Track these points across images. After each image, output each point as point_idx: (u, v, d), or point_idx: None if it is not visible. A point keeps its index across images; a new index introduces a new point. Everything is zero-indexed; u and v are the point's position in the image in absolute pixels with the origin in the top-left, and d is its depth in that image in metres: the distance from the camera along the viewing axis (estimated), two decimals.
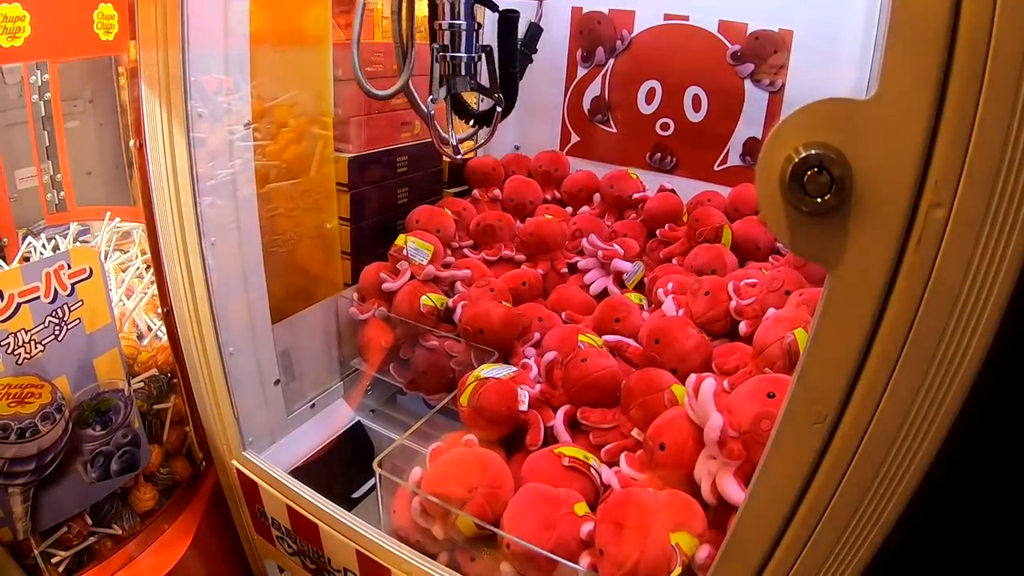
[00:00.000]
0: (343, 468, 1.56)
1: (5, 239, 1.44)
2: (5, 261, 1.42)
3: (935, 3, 0.42)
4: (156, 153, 1.17)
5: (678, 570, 0.83)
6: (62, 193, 1.60)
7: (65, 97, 1.56)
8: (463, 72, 1.26)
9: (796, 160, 0.47)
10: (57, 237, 1.54)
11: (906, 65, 0.44)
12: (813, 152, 0.46)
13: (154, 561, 1.38)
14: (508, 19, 1.28)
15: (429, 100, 1.24)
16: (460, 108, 1.32)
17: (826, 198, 0.46)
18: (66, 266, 1.15)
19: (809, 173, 0.46)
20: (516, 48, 1.32)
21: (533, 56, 1.52)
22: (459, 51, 1.24)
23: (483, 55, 1.29)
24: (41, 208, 1.55)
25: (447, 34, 1.24)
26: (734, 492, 0.84)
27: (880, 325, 0.50)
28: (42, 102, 1.52)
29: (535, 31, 1.49)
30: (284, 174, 1.45)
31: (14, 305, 1.08)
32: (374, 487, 1.59)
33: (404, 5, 1.19)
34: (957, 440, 0.53)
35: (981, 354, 0.48)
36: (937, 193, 0.45)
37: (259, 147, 1.34)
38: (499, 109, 1.32)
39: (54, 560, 1.26)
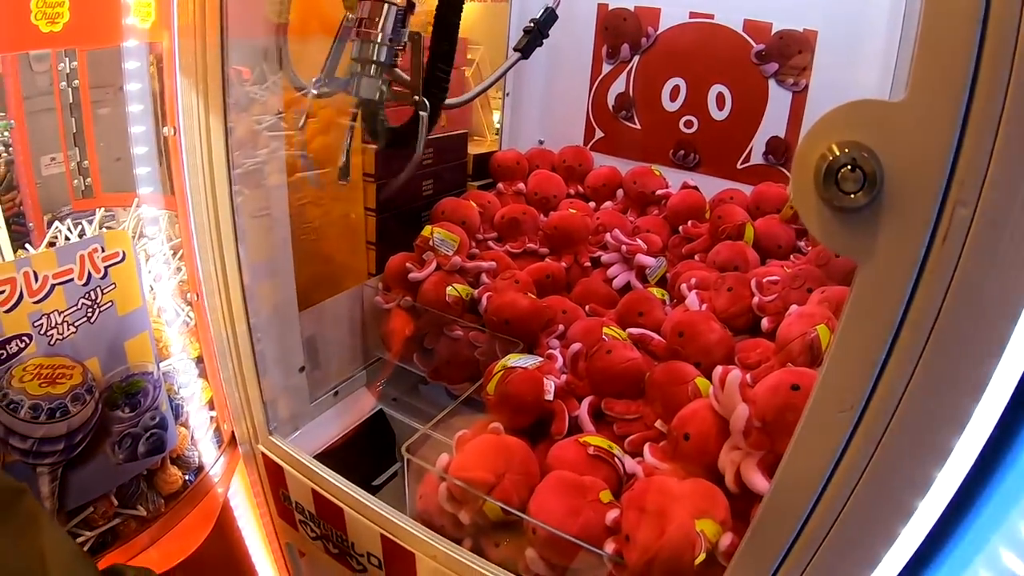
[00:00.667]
0: (364, 456, 1.57)
1: (31, 224, 1.47)
2: (32, 245, 1.44)
3: (965, 10, 0.44)
4: (191, 141, 1.20)
5: (702, 556, 0.85)
6: (88, 179, 1.62)
7: (96, 84, 1.57)
8: (382, 58, 1.05)
9: (831, 158, 0.49)
10: (83, 222, 1.56)
11: (936, 71, 0.46)
12: (847, 151, 0.48)
13: (177, 544, 1.40)
14: (450, 2, 1.07)
15: (311, 84, 1.12)
16: (371, 123, 1.19)
17: (858, 195, 0.49)
18: (100, 249, 1.18)
19: (843, 170, 0.49)
20: (454, 43, 1.10)
21: (543, 41, 1.48)
22: (377, 30, 1.03)
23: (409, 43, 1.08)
24: (65, 194, 1.57)
25: (367, 5, 1.04)
26: (758, 481, 0.86)
27: (906, 317, 0.52)
28: (70, 89, 1.54)
29: (550, 16, 1.47)
30: (311, 164, 1.47)
31: (48, 286, 1.11)
32: (395, 475, 1.61)
33: None
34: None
35: (1002, 346, 0.50)
36: (963, 192, 0.47)
37: (287, 137, 1.35)
38: (423, 116, 1.09)
39: (79, 540, 1.26)
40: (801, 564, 0.68)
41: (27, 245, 1.43)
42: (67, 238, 1.50)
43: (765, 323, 1.30)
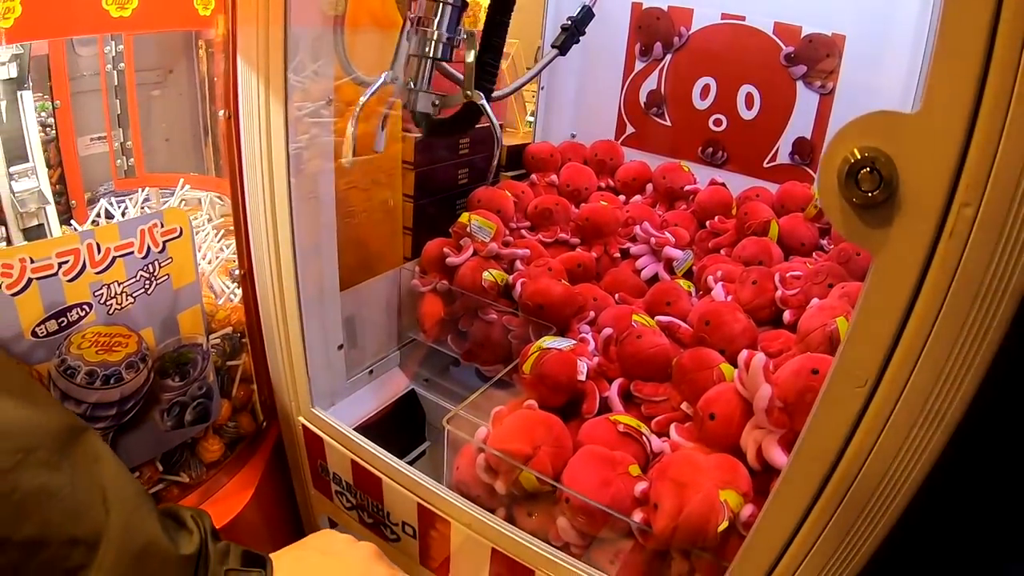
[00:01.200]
0: (395, 433, 1.62)
1: (74, 201, 1.51)
2: (78, 223, 1.49)
3: (974, 34, 0.49)
4: (250, 125, 1.23)
5: (725, 523, 0.91)
6: (131, 160, 1.67)
7: (145, 67, 1.61)
8: (439, 55, 1.15)
9: (852, 160, 0.55)
10: (127, 200, 1.62)
11: (947, 89, 0.52)
12: (867, 155, 0.54)
13: (216, 510, 1.41)
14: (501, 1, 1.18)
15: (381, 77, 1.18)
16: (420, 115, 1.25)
17: (875, 193, 0.55)
18: (159, 224, 1.20)
19: (862, 172, 0.55)
20: (504, 36, 1.21)
21: (580, 39, 1.53)
22: (437, 27, 1.13)
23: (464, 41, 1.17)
24: (106, 173, 1.60)
25: (423, 4, 1.13)
26: (778, 457, 0.92)
27: (916, 303, 0.58)
28: (116, 72, 1.58)
29: (587, 14, 1.51)
30: (356, 151, 1.51)
31: (110, 258, 1.13)
32: (423, 454, 1.68)
33: None
34: (980, 413, 0.61)
35: (1002, 331, 0.55)
36: (968, 194, 0.52)
37: (333, 124, 1.39)
38: (487, 105, 1.20)
39: None
40: (816, 532, 0.74)
41: (72, 222, 1.49)
42: (110, 215, 1.57)
43: (787, 315, 1.34)
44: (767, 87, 1.87)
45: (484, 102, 1.19)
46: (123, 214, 1.58)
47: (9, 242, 1.34)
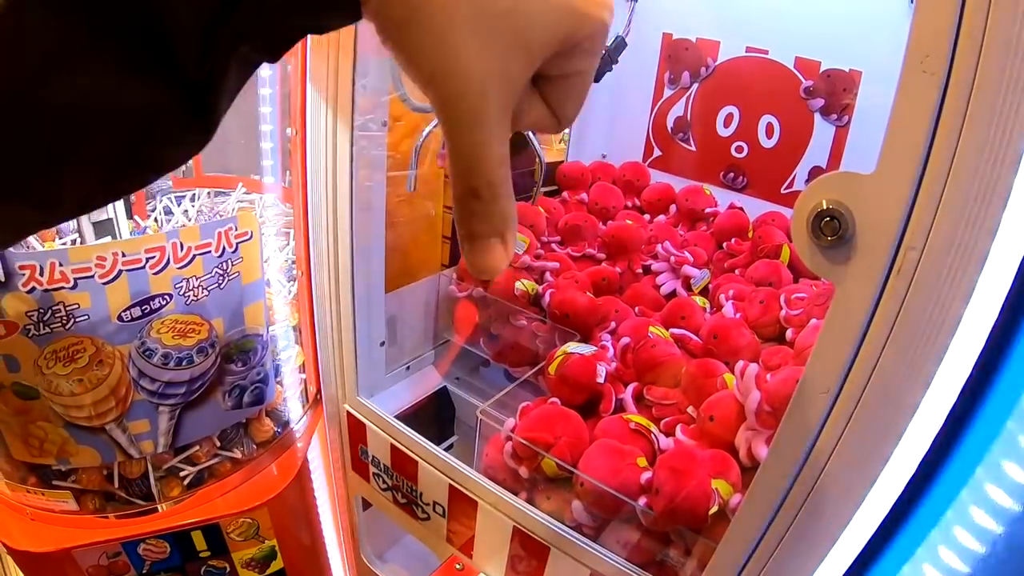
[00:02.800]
0: (428, 426, 1.71)
1: (134, 197, 1.58)
2: (139, 217, 1.58)
3: (922, 115, 0.61)
4: (316, 142, 1.33)
5: (715, 508, 1.04)
6: (190, 161, 1.78)
7: None
8: None
9: (819, 210, 0.68)
10: (185, 199, 1.73)
11: (898, 154, 0.63)
12: (831, 206, 0.67)
13: (263, 485, 1.57)
14: None
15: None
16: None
17: (835, 237, 0.67)
18: (234, 228, 1.34)
19: (825, 220, 0.67)
20: None
21: (613, 67, 1.63)
22: None
23: None
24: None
25: None
26: (763, 452, 1.04)
27: (871, 325, 0.69)
28: None
29: (620, 43, 1.61)
30: (399, 164, 1.59)
31: (190, 255, 1.27)
32: (452, 446, 1.80)
33: None
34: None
35: (943, 351, 0.66)
36: (913, 239, 0.64)
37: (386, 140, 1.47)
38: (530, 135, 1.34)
39: (182, 474, 1.46)
40: (789, 517, 0.85)
41: (135, 216, 1.58)
42: (169, 212, 1.69)
43: (790, 334, 1.44)
44: (787, 117, 1.94)
45: (530, 133, 1.30)
46: (184, 212, 1.71)
47: (80, 234, 1.46)
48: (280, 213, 1.65)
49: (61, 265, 1.14)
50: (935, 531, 0.78)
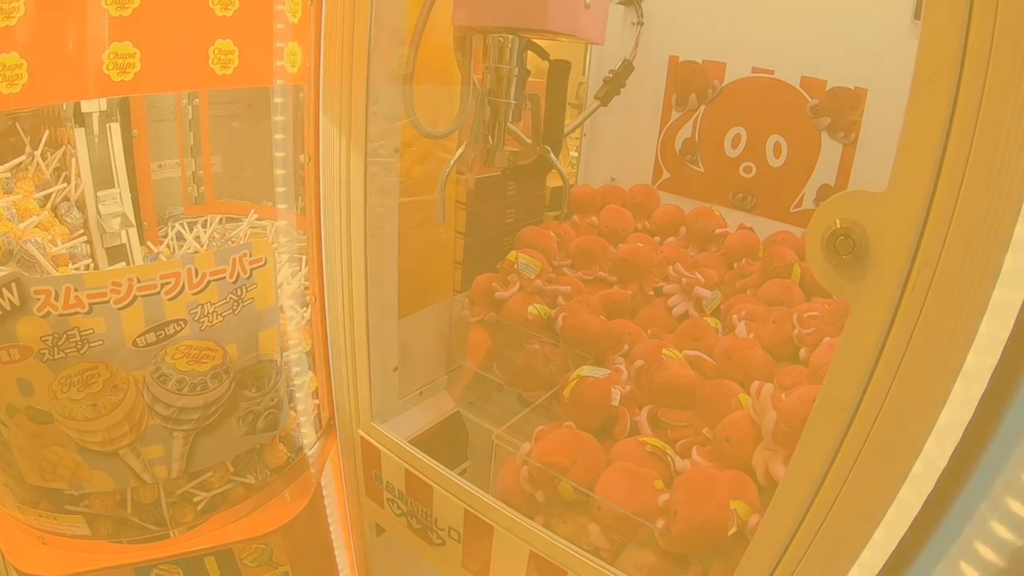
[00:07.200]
0: (441, 451, 1.68)
1: (146, 223, 1.57)
2: (152, 243, 1.57)
3: (932, 132, 0.62)
4: (330, 169, 1.35)
5: (734, 529, 1.04)
6: (202, 187, 1.77)
7: (227, 100, 1.72)
8: (511, 119, 1.31)
9: (833, 228, 0.68)
10: (198, 225, 1.73)
11: (909, 172, 0.64)
12: (845, 225, 0.67)
13: (276, 511, 1.55)
14: (560, 69, 1.34)
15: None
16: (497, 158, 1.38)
17: (850, 255, 0.67)
18: (248, 254, 1.33)
19: (840, 238, 0.67)
20: (564, 99, 1.35)
21: (621, 90, 1.66)
22: (505, 96, 1.29)
23: (529, 104, 1.32)
24: (175, 198, 1.70)
25: (493, 77, 1.29)
26: (781, 472, 1.04)
27: (887, 342, 0.69)
28: (190, 106, 1.70)
29: (627, 67, 1.64)
30: (412, 190, 1.61)
31: (205, 282, 1.26)
32: (464, 471, 1.79)
33: (462, 45, 1.28)
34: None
35: (958, 366, 0.66)
36: (925, 256, 0.64)
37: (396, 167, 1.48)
38: (554, 157, 1.36)
39: (195, 499, 1.42)
40: (808, 537, 0.84)
41: (148, 242, 1.56)
42: (180, 237, 1.69)
43: (803, 353, 1.44)
44: (794, 137, 1.95)
45: (552, 156, 1.33)
46: (196, 238, 1.71)
47: (94, 259, 1.46)
48: (293, 239, 1.66)
49: (76, 290, 1.14)
50: (955, 545, 0.77)
